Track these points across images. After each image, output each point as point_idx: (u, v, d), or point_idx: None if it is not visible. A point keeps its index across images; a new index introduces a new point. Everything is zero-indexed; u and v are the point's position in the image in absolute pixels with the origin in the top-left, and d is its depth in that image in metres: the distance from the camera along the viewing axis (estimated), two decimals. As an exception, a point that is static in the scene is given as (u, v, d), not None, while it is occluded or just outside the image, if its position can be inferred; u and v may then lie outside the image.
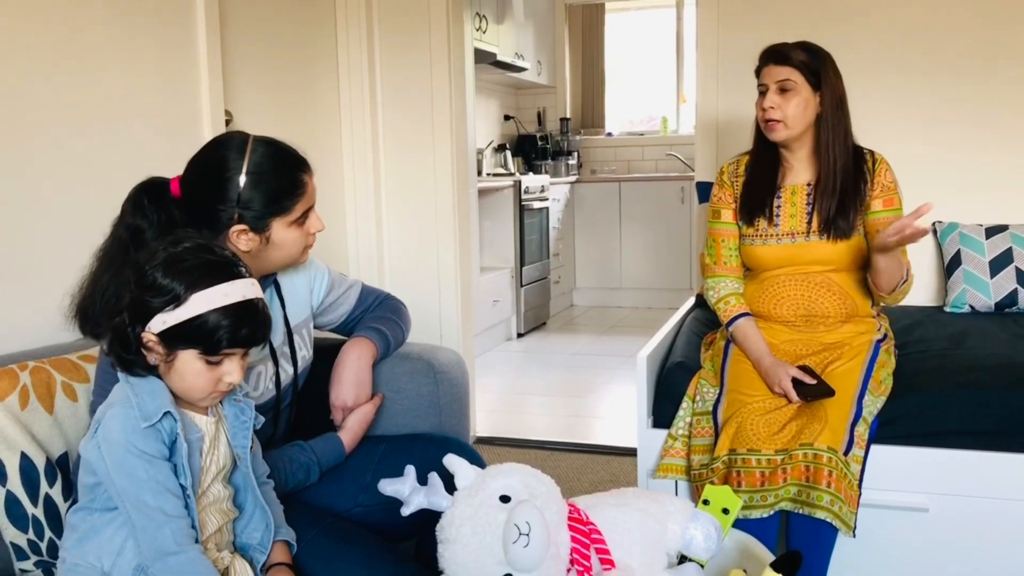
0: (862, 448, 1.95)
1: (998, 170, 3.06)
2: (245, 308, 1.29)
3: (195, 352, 1.28)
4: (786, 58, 2.12)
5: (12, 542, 1.49)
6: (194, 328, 1.26)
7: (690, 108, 6.71)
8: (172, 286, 1.26)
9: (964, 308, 2.87)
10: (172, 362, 1.29)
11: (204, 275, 1.27)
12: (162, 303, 1.26)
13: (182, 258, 1.29)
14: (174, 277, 1.27)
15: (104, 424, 1.27)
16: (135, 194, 1.52)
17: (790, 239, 2.19)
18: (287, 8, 3.00)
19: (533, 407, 4.15)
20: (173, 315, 1.26)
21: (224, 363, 1.30)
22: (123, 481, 1.25)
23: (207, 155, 1.55)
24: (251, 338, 1.31)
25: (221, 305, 1.26)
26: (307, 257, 1.65)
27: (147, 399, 1.28)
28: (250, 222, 1.51)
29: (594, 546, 1.36)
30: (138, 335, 1.28)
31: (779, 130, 2.14)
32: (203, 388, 1.30)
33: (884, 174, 2.18)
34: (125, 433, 1.25)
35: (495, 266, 5.44)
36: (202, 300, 1.26)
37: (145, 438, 1.26)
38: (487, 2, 5.32)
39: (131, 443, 1.25)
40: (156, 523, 1.25)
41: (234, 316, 1.27)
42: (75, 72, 2.10)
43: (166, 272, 1.27)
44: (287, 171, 1.54)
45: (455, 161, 3.37)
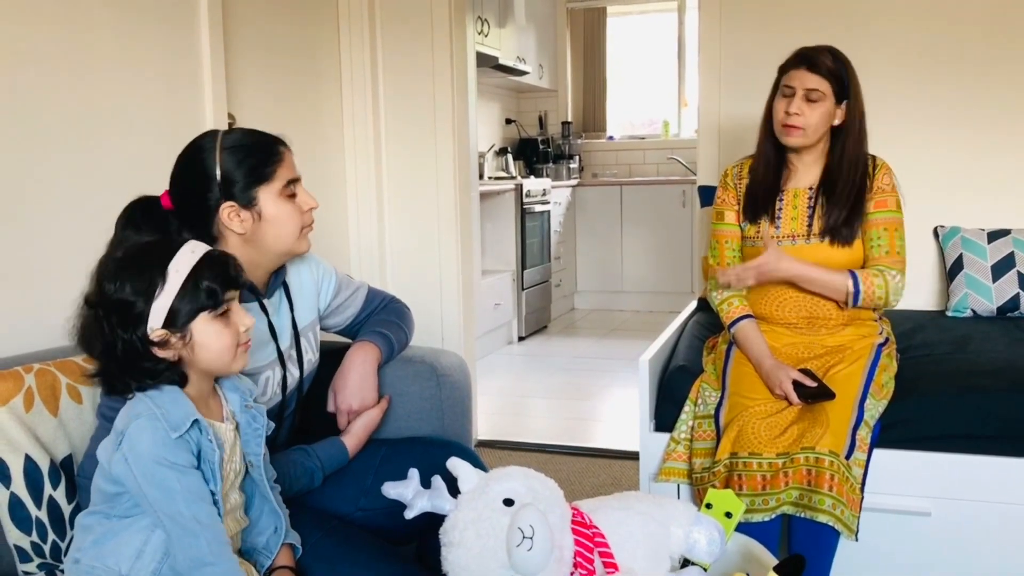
0: (864, 452, 1.95)
1: (1000, 174, 3.06)
2: (213, 256, 1.31)
3: (204, 316, 1.29)
4: (818, 65, 2.10)
5: (15, 544, 1.49)
6: (189, 293, 1.27)
7: (692, 112, 6.72)
8: (144, 278, 1.27)
9: (966, 312, 2.87)
10: (191, 341, 1.29)
11: (161, 251, 1.29)
12: (148, 296, 1.26)
13: (128, 257, 1.30)
14: (139, 271, 1.27)
15: (131, 437, 1.25)
16: (127, 211, 1.55)
17: (790, 241, 2.19)
18: (290, 12, 3.01)
19: (534, 410, 4.15)
20: (163, 297, 1.26)
21: (230, 314, 1.32)
22: (156, 493, 1.24)
23: (185, 151, 1.59)
24: (238, 277, 1.33)
25: (195, 262, 1.28)
26: (308, 245, 1.64)
27: (172, 409, 1.27)
28: (236, 196, 1.52)
29: (597, 549, 1.37)
30: (143, 338, 1.27)
31: (797, 136, 2.14)
32: (230, 345, 1.32)
33: (881, 177, 2.18)
34: (155, 446, 1.24)
35: (496, 269, 5.44)
36: (177, 268, 1.27)
37: (175, 449, 1.25)
38: (489, 6, 5.33)
39: (161, 455, 1.24)
40: (191, 532, 1.24)
41: (212, 264, 1.30)
42: (78, 76, 2.11)
43: (128, 274, 1.27)
44: (261, 143, 1.57)
45: (457, 164, 3.37)
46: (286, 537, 1.44)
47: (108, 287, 1.28)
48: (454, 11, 3.31)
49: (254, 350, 1.58)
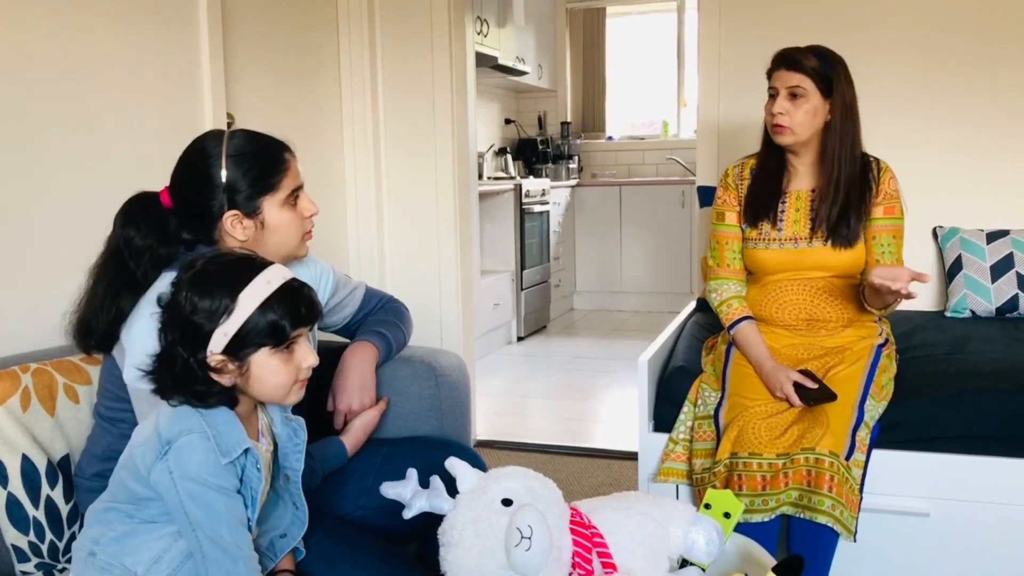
0: (863, 453, 1.95)
1: (999, 175, 3.06)
2: (290, 289, 1.28)
3: (266, 350, 1.26)
4: (798, 64, 2.11)
5: (13, 544, 1.49)
6: (255, 326, 1.24)
7: (691, 112, 6.72)
8: (215, 299, 1.23)
9: (965, 313, 2.87)
10: (247, 372, 1.26)
11: (238, 275, 1.26)
12: (213, 320, 1.23)
13: (207, 271, 1.26)
14: (212, 291, 1.24)
15: (180, 453, 1.22)
16: (125, 208, 1.54)
17: (793, 244, 2.19)
18: (289, 12, 3.01)
19: (533, 410, 4.15)
20: (229, 324, 1.23)
21: (295, 349, 1.29)
22: (199, 513, 1.22)
23: (188, 153, 1.57)
24: (311, 314, 1.29)
25: (269, 294, 1.25)
26: (307, 250, 1.64)
27: (225, 432, 1.25)
28: (240, 205, 1.51)
29: (596, 550, 1.36)
30: (202, 362, 1.24)
31: (786, 135, 2.14)
32: (287, 383, 1.29)
33: (888, 182, 2.19)
34: (204, 467, 1.22)
35: (495, 269, 5.44)
36: (250, 297, 1.24)
37: (224, 473, 1.23)
38: (488, 6, 5.33)
39: (210, 478, 1.22)
40: (232, 558, 1.23)
41: (286, 299, 1.26)
42: (77, 76, 2.11)
43: (201, 292, 1.24)
44: (268, 150, 1.56)
45: (456, 164, 3.37)
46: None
47: (180, 299, 1.25)
48: (453, 11, 3.31)
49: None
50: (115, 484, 1.31)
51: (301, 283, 1.31)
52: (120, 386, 1.50)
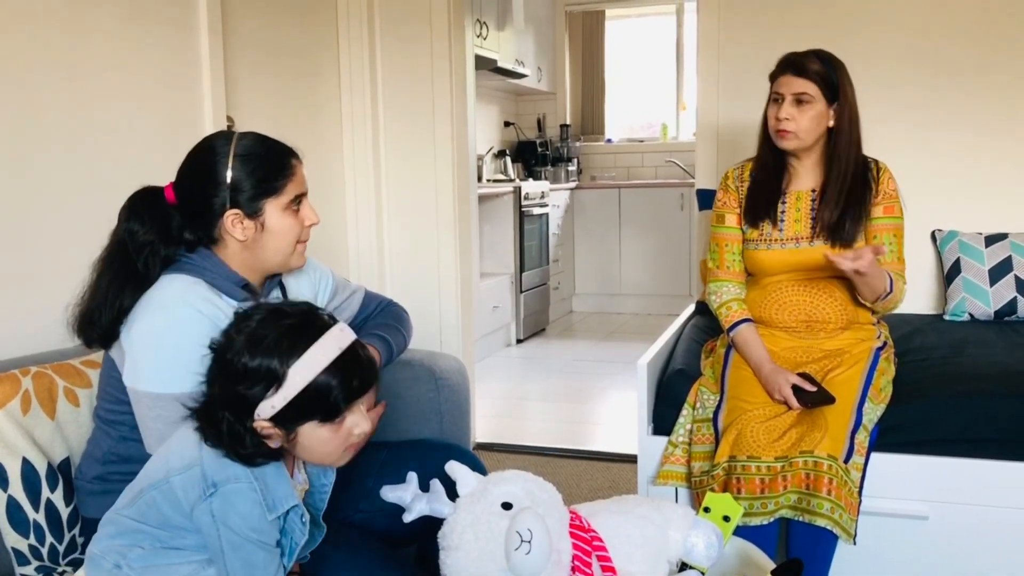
0: (862, 456, 1.96)
1: (998, 179, 3.07)
2: (347, 359, 1.23)
3: (315, 422, 1.22)
4: (805, 70, 2.11)
5: (13, 547, 1.49)
6: (304, 401, 1.20)
7: (690, 115, 6.72)
8: (265, 367, 1.19)
9: (964, 316, 2.88)
10: (295, 439, 1.23)
11: (292, 343, 1.20)
12: (262, 389, 1.19)
13: (262, 334, 1.21)
14: (263, 356, 1.19)
15: (225, 499, 1.20)
16: (130, 202, 1.54)
17: (794, 244, 2.20)
18: (289, 15, 3.01)
19: (532, 413, 4.15)
20: (278, 397, 1.19)
21: (347, 418, 1.25)
22: (236, 564, 1.21)
23: (196, 149, 1.57)
24: (364, 386, 1.25)
25: (324, 368, 1.20)
26: (303, 260, 1.64)
27: (272, 484, 1.24)
28: (243, 205, 1.51)
29: (595, 553, 1.37)
30: (250, 428, 1.21)
31: (790, 140, 2.15)
32: (335, 452, 1.27)
33: (887, 182, 2.20)
34: (249, 520, 1.20)
35: (495, 272, 5.45)
36: (301, 371, 1.19)
37: (268, 528, 1.22)
38: (488, 8, 5.33)
39: (252, 534, 1.21)
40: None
41: (340, 372, 1.21)
42: (77, 79, 2.11)
43: (252, 354, 1.19)
44: (275, 154, 1.56)
45: (456, 167, 3.38)
46: None
47: (231, 359, 1.21)
48: (453, 14, 3.32)
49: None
50: (146, 504, 1.27)
51: (357, 349, 1.26)
52: (120, 388, 1.50)
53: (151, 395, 1.44)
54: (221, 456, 1.22)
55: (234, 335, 1.23)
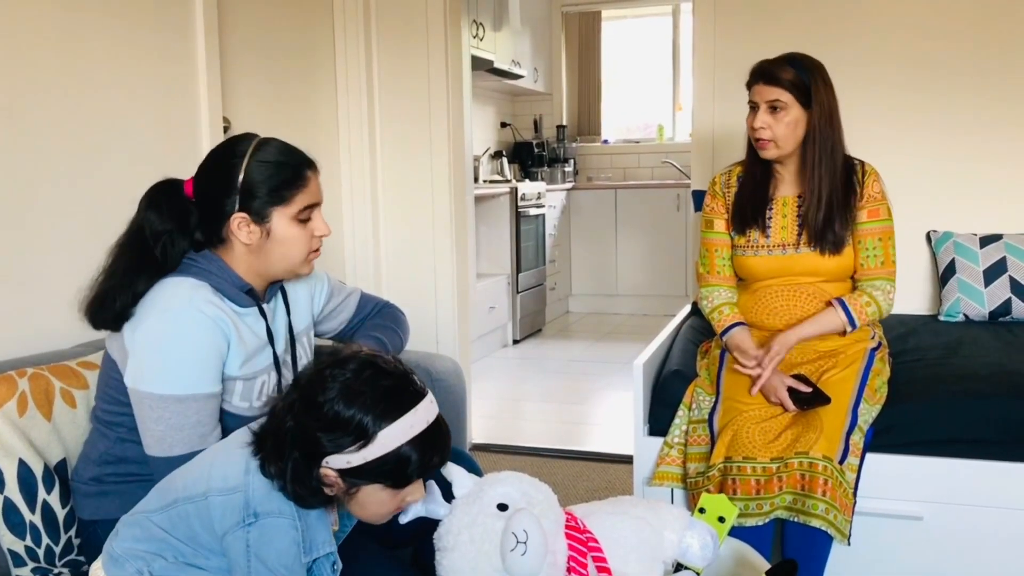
0: (857, 456, 1.96)
1: (992, 180, 3.08)
2: (432, 433, 1.23)
3: (380, 485, 1.23)
4: (775, 78, 2.11)
5: (9, 548, 1.49)
6: (381, 465, 1.20)
7: (686, 116, 6.73)
8: (356, 423, 1.18)
9: (958, 317, 2.89)
10: (354, 495, 1.23)
11: (388, 407, 1.20)
12: (347, 442, 1.19)
13: (359, 389, 1.20)
14: (356, 412, 1.18)
15: (264, 532, 1.20)
16: (150, 192, 1.57)
17: (781, 251, 2.20)
18: (285, 17, 3.01)
19: (529, 414, 4.15)
20: (359, 455, 1.19)
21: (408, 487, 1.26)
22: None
23: (218, 148, 1.60)
24: (442, 462, 1.26)
25: (409, 439, 1.20)
26: (311, 268, 1.65)
27: (315, 526, 1.24)
28: (251, 210, 1.52)
29: (591, 554, 1.37)
30: (316, 474, 1.20)
31: (769, 148, 2.15)
32: (387, 514, 1.28)
33: (871, 185, 2.19)
34: (285, 558, 1.20)
35: (491, 272, 5.45)
36: (390, 437, 1.19)
37: (300, 568, 1.22)
38: (484, 9, 5.34)
39: (285, 571, 1.20)
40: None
41: (422, 447, 1.21)
42: (74, 82, 2.11)
43: (347, 406, 1.18)
44: (291, 163, 1.56)
45: (452, 168, 3.38)
46: None
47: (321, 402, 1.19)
48: (449, 15, 3.32)
49: (253, 355, 1.59)
50: (178, 516, 1.26)
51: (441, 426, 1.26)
52: (119, 390, 1.51)
53: (153, 396, 1.44)
54: (270, 488, 1.22)
55: (331, 380, 1.21)
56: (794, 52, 2.17)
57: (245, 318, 1.59)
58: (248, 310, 1.59)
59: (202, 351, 1.47)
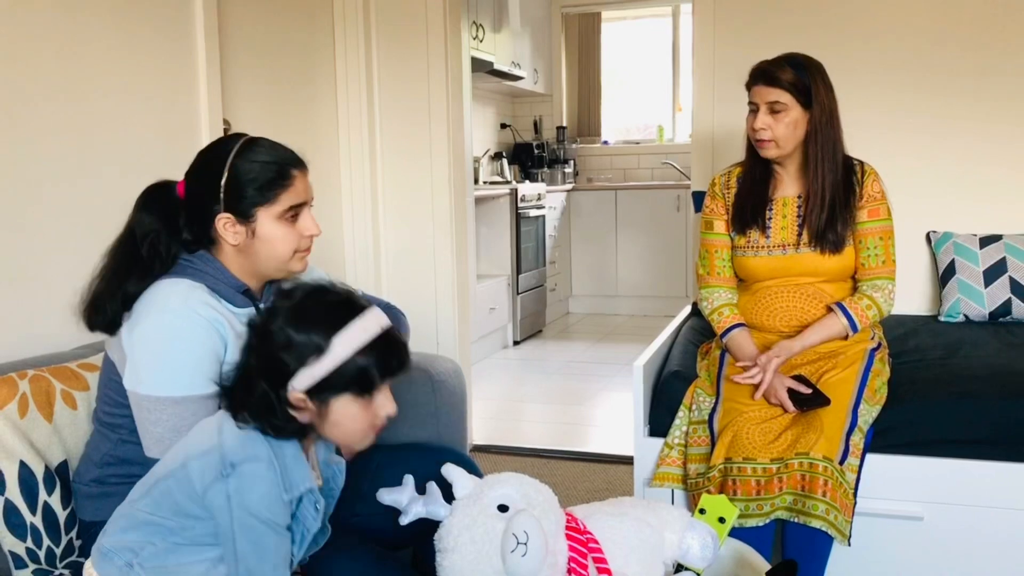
0: (857, 457, 1.96)
1: (992, 181, 3.08)
2: (386, 338, 1.26)
3: (349, 396, 1.24)
4: (775, 79, 2.11)
5: (11, 550, 1.49)
6: (344, 373, 1.22)
7: (686, 117, 6.73)
8: (311, 336, 1.21)
9: (958, 317, 2.89)
10: (325, 415, 1.25)
11: (337, 317, 1.23)
12: (302, 358, 1.21)
13: (306, 306, 1.24)
14: (308, 328, 1.22)
15: (243, 480, 1.21)
16: (144, 193, 1.57)
17: (781, 251, 2.20)
18: (285, 18, 3.02)
19: (529, 415, 4.16)
20: (319, 366, 1.21)
21: (376, 397, 1.27)
22: (247, 546, 1.21)
23: (206, 149, 1.60)
24: (401, 365, 1.28)
25: (364, 342, 1.23)
26: (303, 266, 1.64)
27: (291, 465, 1.25)
28: (236, 210, 1.52)
29: (591, 555, 1.37)
30: (283, 398, 1.23)
31: (770, 148, 2.15)
32: (363, 430, 1.28)
33: (871, 185, 2.19)
34: (265, 502, 1.21)
35: (491, 274, 5.45)
36: (345, 343, 1.22)
37: (282, 509, 1.22)
38: (484, 11, 5.34)
39: (267, 514, 1.21)
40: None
41: (379, 349, 1.24)
42: (75, 84, 2.11)
43: (297, 327, 1.22)
44: (277, 162, 1.56)
45: (452, 169, 3.38)
46: None
47: (273, 329, 1.23)
48: (449, 16, 3.32)
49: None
50: (160, 493, 1.27)
51: (395, 333, 1.29)
52: (120, 392, 1.51)
53: (151, 398, 1.45)
54: (243, 438, 1.24)
55: (279, 307, 1.25)
56: (794, 52, 2.17)
57: (242, 318, 1.59)
58: (244, 310, 1.59)
59: (198, 352, 1.47)
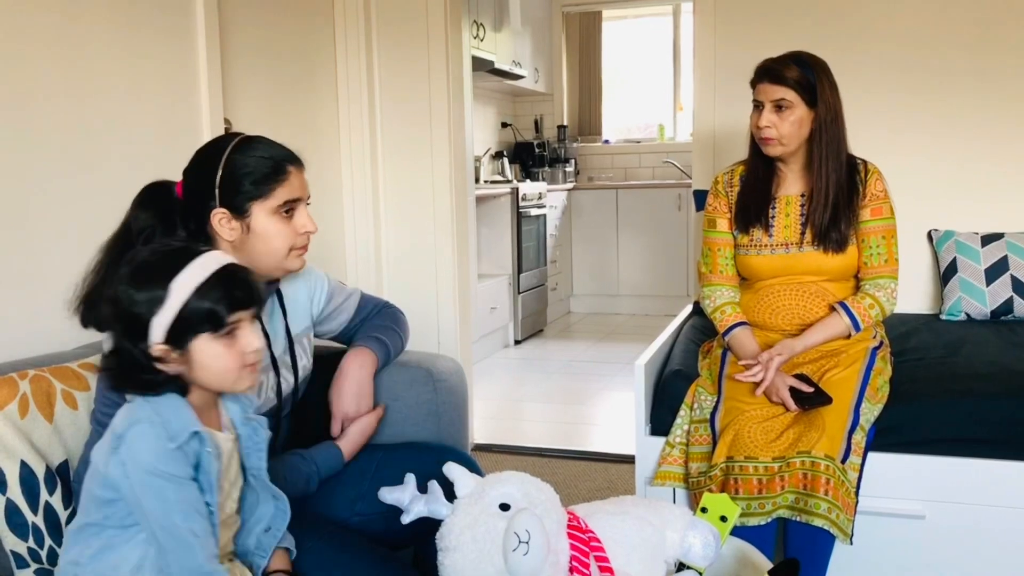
0: (859, 456, 1.96)
1: (994, 179, 3.08)
2: (227, 273, 1.28)
3: (206, 336, 1.26)
4: (780, 77, 2.11)
5: (12, 550, 1.49)
6: (191, 313, 1.25)
7: (687, 116, 6.73)
8: (150, 290, 1.25)
9: (960, 316, 2.88)
10: (190, 360, 1.27)
11: (173, 263, 1.27)
12: (150, 310, 1.25)
13: (144, 262, 1.28)
14: (147, 282, 1.26)
15: (130, 443, 1.24)
16: (141, 193, 1.57)
17: (784, 249, 2.20)
18: (286, 18, 3.01)
19: (530, 414, 4.16)
20: (165, 313, 1.24)
21: (238, 335, 1.29)
22: (151, 503, 1.22)
23: (203, 147, 1.60)
24: (248, 297, 1.29)
25: (204, 279, 1.26)
26: (300, 264, 1.63)
27: (172, 418, 1.26)
28: (231, 205, 1.53)
29: (593, 554, 1.37)
30: (146, 352, 1.25)
31: (774, 146, 2.15)
32: (231, 368, 1.29)
33: (874, 184, 2.19)
34: (153, 455, 1.22)
35: (492, 273, 5.45)
36: (184, 283, 1.25)
37: (174, 460, 1.24)
38: (485, 10, 5.34)
39: (158, 466, 1.22)
40: (186, 545, 1.23)
41: (221, 283, 1.27)
42: (76, 84, 2.11)
43: (138, 284, 1.26)
44: (272, 158, 1.57)
45: (453, 168, 3.38)
46: (283, 542, 1.44)
47: (121, 292, 1.26)
48: (450, 15, 3.32)
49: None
50: (84, 496, 1.31)
51: (238, 267, 1.31)
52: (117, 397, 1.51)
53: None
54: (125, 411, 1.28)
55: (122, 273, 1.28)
56: (798, 51, 2.17)
57: None
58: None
59: None
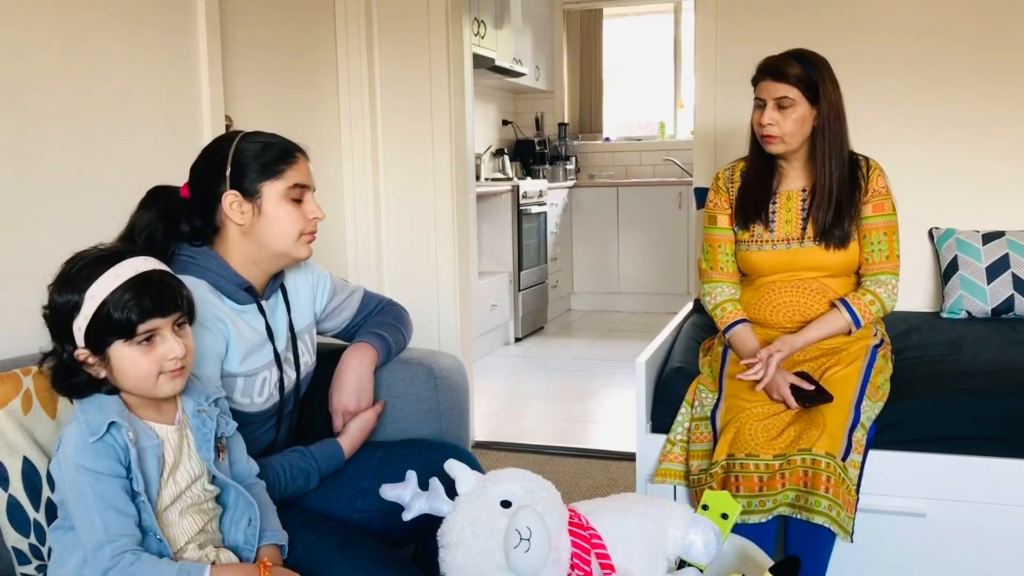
0: (860, 453, 1.96)
1: (995, 177, 3.07)
2: (141, 280, 1.29)
3: (120, 343, 1.28)
4: (783, 75, 2.11)
5: (14, 546, 1.49)
6: (102, 320, 1.26)
7: (687, 113, 6.72)
8: (70, 296, 1.28)
9: (961, 314, 2.89)
10: (109, 364, 1.29)
11: (93, 269, 1.28)
12: (69, 315, 1.27)
13: (69, 269, 1.30)
14: (67, 288, 1.28)
15: (62, 444, 1.28)
16: (145, 196, 1.60)
17: (785, 245, 2.20)
18: (287, 15, 3.01)
19: (531, 411, 4.16)
20: (81, 318, 1.27)
21: (157, 341, 1.29)
22: (73, 501, 1.26)
23: (209, 143, 1.65)
24: (157, 306, 1.29)
25: (116, 287, 1.27)
26: (307, 252, 1.65)
27: (93, 413, 1.29)
28: (242, 187, 1.56)
29: (594, 551, 1.37)
30: (72, 356, 1.29)
31: (776, 144, 2.15)
32: (147, 374, 1.30)
33: (876, 180, 2.19)
34: (76, 452, 1.26)
35: (493, 270, 5.45)
36: (97, 290, 1.27)
37: (95, 454, 1.26)
38: (486, 7, 5.34)
39: (80, 461, 1.25)
40: (97, 542, 1.24)
41: (132, 291, 1.27)
42: (76, 81, 2.11)
43: (60, 289, 1.29)
44: (280, 143, 1.62)
45: (454, 166, 3.38)
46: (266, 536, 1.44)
47: (49, 296, 1.30)
48: (451, 13, 3.32)
49: (253, 351, 1.59)
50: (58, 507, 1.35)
51: (158, 273, 1.32)
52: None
53: None
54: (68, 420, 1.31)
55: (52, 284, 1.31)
56: (800, 48, 2.17)
57: (244, 315, 1.59)
58: (247, 307, 1.60)
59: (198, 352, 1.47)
